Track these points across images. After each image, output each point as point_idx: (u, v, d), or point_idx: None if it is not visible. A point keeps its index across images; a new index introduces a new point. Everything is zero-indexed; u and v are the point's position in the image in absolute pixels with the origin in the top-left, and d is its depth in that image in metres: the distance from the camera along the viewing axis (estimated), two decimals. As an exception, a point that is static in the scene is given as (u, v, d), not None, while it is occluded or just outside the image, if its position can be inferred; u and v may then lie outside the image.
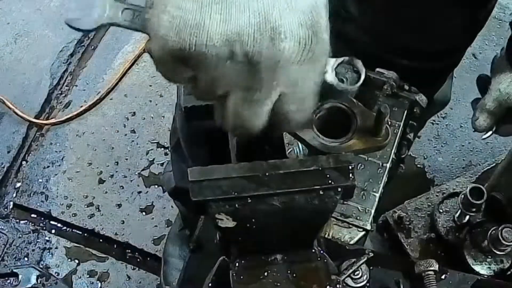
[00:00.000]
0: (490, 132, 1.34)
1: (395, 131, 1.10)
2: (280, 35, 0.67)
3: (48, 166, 2.32)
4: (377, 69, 1.12)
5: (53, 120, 2.41)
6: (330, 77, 0.76)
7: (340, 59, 0.75)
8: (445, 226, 1.74)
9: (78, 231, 2.23)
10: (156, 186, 2.25)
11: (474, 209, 1.62)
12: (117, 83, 2.46)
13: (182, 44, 0.66)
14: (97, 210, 2.23)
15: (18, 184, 2.30)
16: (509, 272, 1.61)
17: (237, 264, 0.79)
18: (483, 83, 1.31)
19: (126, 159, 2.31)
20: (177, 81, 0.73)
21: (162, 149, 2.32)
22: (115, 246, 2.20)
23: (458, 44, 1.39)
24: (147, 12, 0.68)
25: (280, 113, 0.73)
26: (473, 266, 1.62)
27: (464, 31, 1.34)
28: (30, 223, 2.24)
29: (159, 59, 0.70)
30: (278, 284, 0.78)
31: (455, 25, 1.29)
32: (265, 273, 0.78)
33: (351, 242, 1.03)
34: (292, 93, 0.71)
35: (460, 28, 1.31)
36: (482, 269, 1.61)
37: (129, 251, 2.18)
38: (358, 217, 1.06)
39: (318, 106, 0.84)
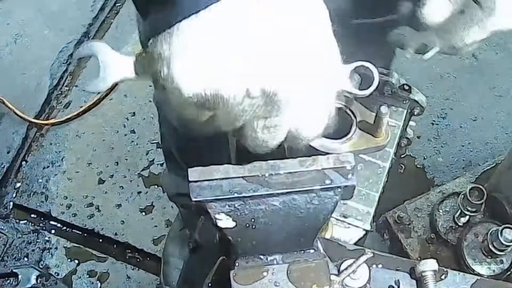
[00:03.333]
0: (435, 49, 0.98)
1: (395, 131, 1.09)
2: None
3: (48, 166, 2.32)
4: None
5: (53, 121, 2.41)
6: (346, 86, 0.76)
7: (352, 66, 0.75)
8: (445, 226, 1.74)
9: (78, 231, 2.23)
10: (156, 186, 2.25)
11: (474, 209, 1.62)
12: (117, 83, 2.46)
13: (199, 92, 0.66)
14: (97, 210, 2.23)
15: (18, 184, 2.30)
16: (509, 272, 1.61)
17: (237, 264, 0.79)
18: None
19: (126, 159, 2.31)
20: (196, 123, 0.72)
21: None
22: (115, 246, 2.20)
23: None
24: (158, 63, 0.68)
25: (294, 130, 0.73)
26: (473, 266, 1.62)
27: None
28: (30, 223, 2.24)
29: (175, 108, 0.69)
30: (278, 284, 0.78)
31: None
32: (265, 273, 0.78)
33: (351, 242, 1.03)
34: (306, 112, 0.72)
35: None
36: (482, 269, 1.62)
37: (129, 251, 2.18)
38: (358, 217, 1.05)
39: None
